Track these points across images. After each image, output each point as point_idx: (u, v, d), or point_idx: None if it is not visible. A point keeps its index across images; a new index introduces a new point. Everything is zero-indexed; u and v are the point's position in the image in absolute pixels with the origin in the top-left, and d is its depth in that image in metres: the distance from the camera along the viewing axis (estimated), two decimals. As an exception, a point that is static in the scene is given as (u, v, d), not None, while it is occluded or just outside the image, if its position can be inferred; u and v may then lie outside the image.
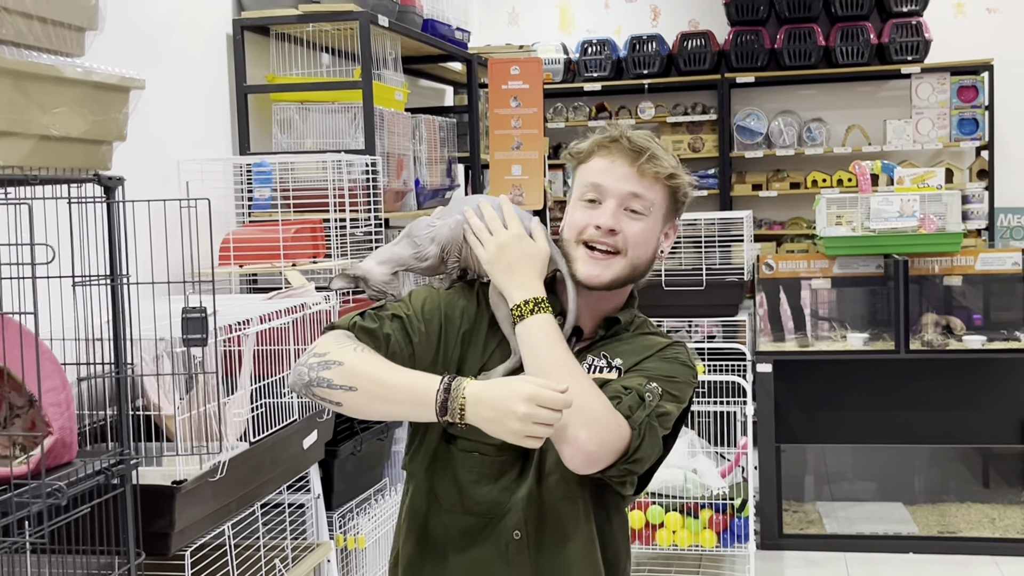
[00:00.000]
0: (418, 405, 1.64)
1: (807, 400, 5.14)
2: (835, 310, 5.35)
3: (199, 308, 2.02)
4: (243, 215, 3.90)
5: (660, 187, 1.79)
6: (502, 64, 5.21)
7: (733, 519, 4.38)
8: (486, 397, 1.61)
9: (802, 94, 7.41)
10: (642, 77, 7.23)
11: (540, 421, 1.58)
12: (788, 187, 7.17)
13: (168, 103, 3.68)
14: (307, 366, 1.70)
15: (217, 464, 2.53)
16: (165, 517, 2.40)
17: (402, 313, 1.80)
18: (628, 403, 1.71)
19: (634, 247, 1.79)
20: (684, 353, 1.86)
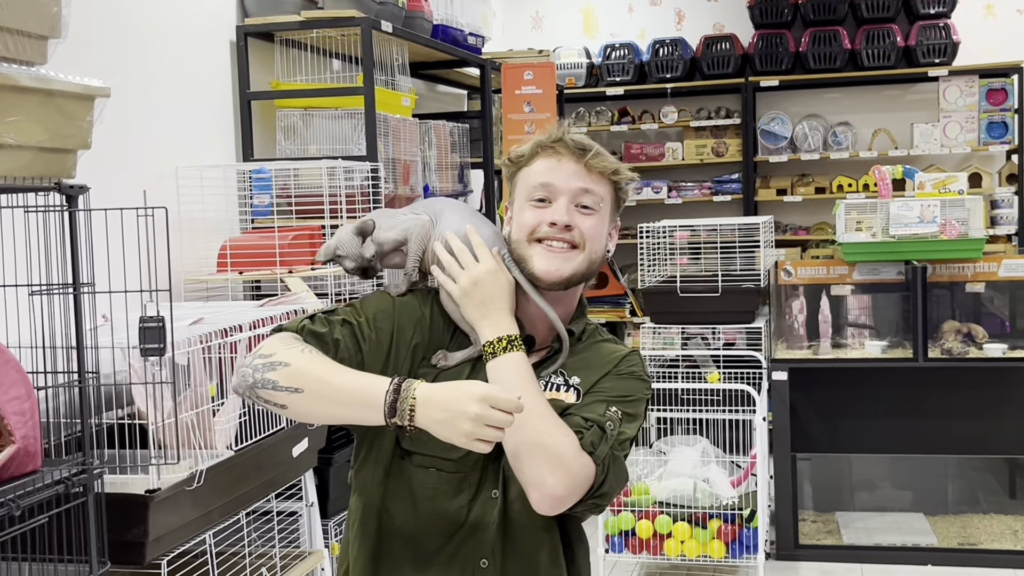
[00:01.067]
0: (366, 407, 1.60)
1: (824, 408, 5.06)
2: (854, 317, 5.27)
3: (156, 317, 2.01)
4: (246, 222, 3.90)
5: (607, 183, 1.80)
6: (515, 69, 5.19)
7: (742, 529, 4.32)
8: (437, 398, 1.58)
9: (828, 98, 7.32)
10: (665, 81, 7.17)
11: (492, 423, 1.55)
12: (813, 192, 7.08)
13: (171, 110, 3.69)
14: (251, 367, 1.66)
15: (195, 472, 2.52)
16: (139, 526, 2.39)
17: (353, 319, 1.77)
18: (590, 439, 1.69)
19: (590, 240, 1.79)
20: (638, 365, 1.84)
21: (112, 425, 2.60)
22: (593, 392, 1.78)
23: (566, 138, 1.80)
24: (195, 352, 2.76)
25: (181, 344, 2.67)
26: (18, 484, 1.91)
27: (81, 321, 1.99)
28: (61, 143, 2.00)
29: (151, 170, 3.54)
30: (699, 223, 5.33)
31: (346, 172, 3.65)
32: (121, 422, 2.62)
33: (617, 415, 1.73)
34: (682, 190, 7.26)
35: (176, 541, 2.56)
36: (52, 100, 1.98)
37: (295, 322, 1.77)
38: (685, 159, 7.24)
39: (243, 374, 1.67)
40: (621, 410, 1.75)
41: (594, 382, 1.79)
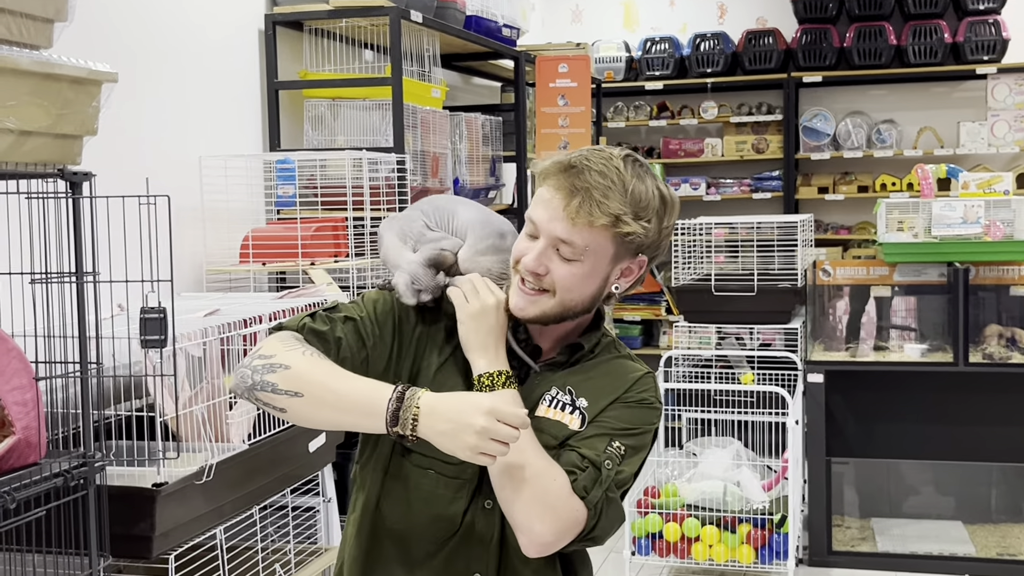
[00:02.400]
0: (367, 414, 1.55)
1: (861, 412, 4.96)
2: (893, 319, 5.15)
3: (157, 308, 1.96)
4: (271, 212, 3.87)
5: (598, 232, 1.63)
6: (550, 62, 5.13)
7: (772, 535, 4.23)
8: (442, 409, 1.52)
9: (872, 94, 7.18)
10: (706, 76, 7.07)
11: (497, 438, 1.50)
12: (856, 190, 6.95)
13: (198, 98, 3.66)
14: (251, 368, 1.61)
15: (204, 466, 2.49)
16: (145, 520, 2.36)
17: (355, 315, 1.72)
18: (584, 482, 1.62)
19: (563, 290, 1.67)
20: (651, 390, 1.74)
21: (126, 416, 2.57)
22: (598, 422, 1.69)
23: (569, 171, 1.64)
24: (211, 344, 2.73)
25: (196, 335, 2.64)
26: (15, 476, 1.88)
27: (84, 310, 1.95)
28: (65, 129, 1.97)
29: (176, 159, 3.51)
30: (737, 220, 5.24)
31: (372, 164, 3.60)
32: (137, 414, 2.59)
33: (618, 452, 1.66)
34: (721, 187, 7.16)
35: (185, 536, 2.53)
36: (55, 84, 1.94)
37: (296, 320, 1.71)
38: (725, 155, 7.14)
39: (242, 375, 1.62)
40: (624, 445, 1.67)
41: (601, 408, 1.70)
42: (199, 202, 3.52)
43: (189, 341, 2.61)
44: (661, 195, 1.68)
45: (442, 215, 1.81)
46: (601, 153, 1.66)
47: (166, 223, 1.94)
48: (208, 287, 3.54)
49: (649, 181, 1.66)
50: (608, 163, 1.64)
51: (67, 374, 1.97)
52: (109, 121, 3.14)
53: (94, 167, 2.17)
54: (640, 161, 1.68)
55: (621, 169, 1.64)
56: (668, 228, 1.70)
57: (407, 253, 1.77)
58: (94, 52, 2.06)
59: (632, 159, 1.67)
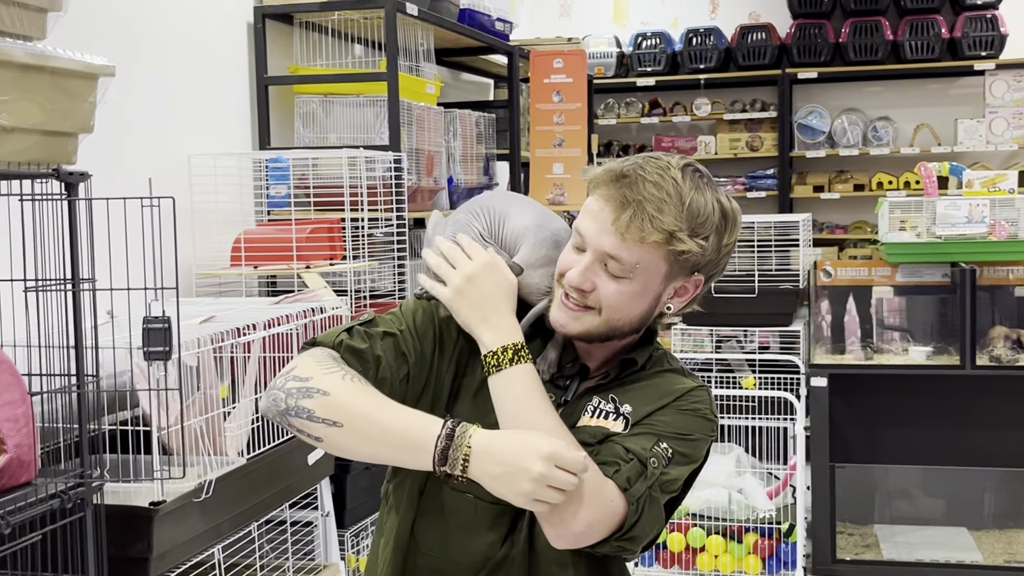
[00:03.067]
0: (413, 451, 1.45)
1: (865, 417, 4.89)
2: (897, 321, 5.10)
3: (162, 318, 1.86)
4: (262, 214, 3.77)
5: (649, 249, 1.53)
6: (544, 57, 5.04)
7: (780, 544, 4.16)
8: (496, 450, 1.43)
9: (868, 91, 7.15)
10: (698, 72, 7.02)
11: (555, 485, 1.41)
12: (852, 189, 6.92)
13: (184, 94, 3.56)
14: (284, 391, 1.50)
15: (203, 483, 2.38)
16: (142, 541, 2.25)
17: (395, 329, 1.62)
18: (627, 473, 1.51)
19: (610, 309, 1.57)
20: (704, 401, 1.64)
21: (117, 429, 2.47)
22: (644, 423, 1.59)
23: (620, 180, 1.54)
24: (206, 353, 2.63)
25: (191, 344, 2.54)
26: (8, 499, 1.77)
27: (80, 320, 1.85)
28: (60, 126, 1.86)
29: (161, 158, 3.40)
30: (735, 221, 5.17)
31: (368, 163, 3.50)
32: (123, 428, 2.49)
33: (666, 453, 1.55)
34: (714, 185, 7.08)
35: (183, 556, 2.43)
36: (51, 78, 1.83)
37: (331, 335, 1.60)
38: (718, 153, 7.09)
39: (275, 397, 1.51)
40: (673, 448, 1.56)
41: (648, 413, 1.60)
42: (188, 203, 3.41)
43: (187, 351, 2.51)
44: (722, 209, 1.57)
45: (493, 219, 1.70)
46: (657, 162, 1.55)
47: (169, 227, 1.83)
48: (197, 291, 3.44)
49: (709, 194, 1.56)
50: (664, 173, 1.53)
51: (62, 388, 1.86)
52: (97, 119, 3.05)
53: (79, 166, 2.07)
54: (700, 171, 1.58)
55: (678, 180, 1.53)
56: (729, 245, 1.59)
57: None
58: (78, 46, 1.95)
59: (692, 169, 1.57)
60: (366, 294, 3.49)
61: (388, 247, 3.64)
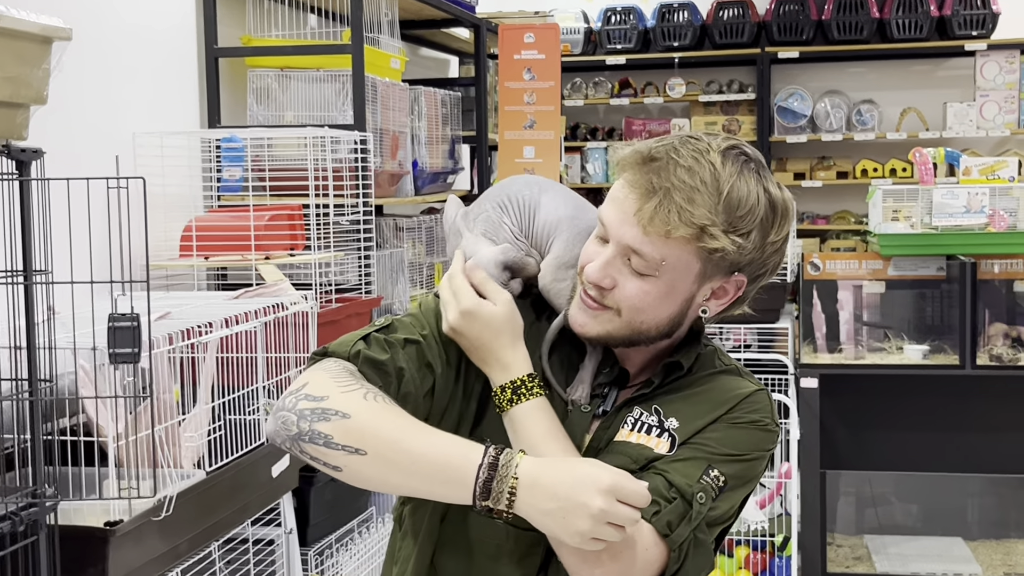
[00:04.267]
0: (449, 483, 1.33)
1: (857, 420, 4.87)
2: (890, 318, 5.07)
3: (129, 315, 1.74)
4: (212, 198, 3.64)
5: (677, 245, 1.42)
6: (515, 31, 4.95)
7: (773, 558, 4.11)
8: (548, 482, 1.31)
9: (852, 72, 7.14)
10: (672, 50, 6.96)
11: (616, 521, 1.30)
12: (834, 176, 6.92)
13: (127, 66, 3.42)
14: (296, 412, 1.37)
15: (163, 500, 2.27)
16: (96, 565, 2.13)
17: (417, 335, 1.50)
18: (668, 517, 1.40)
19: (631, 310, 1.46)
20: (763, 409, 1.53)
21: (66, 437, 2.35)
22: (694, 443, 1.49)
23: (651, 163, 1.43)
24: (160, 354, 2.51)
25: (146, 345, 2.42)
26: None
27: (32, 317, 1.73)
28: (10, 96, 1.74)
29: (102, 136, 3.26)
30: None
31: (332, 143, 3.39)
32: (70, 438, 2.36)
33: (717, 482, 1.45)
34: (689, 172, 7.04)
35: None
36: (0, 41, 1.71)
37: (346, 344, 1.47)
38: (693, 137, 7.02)
39: (285, 420, 1.37)
40: (725, 475, 1.46)
41: (698, 428, 1.50)
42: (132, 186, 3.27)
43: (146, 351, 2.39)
44: (770, 201, 1.45)
45: (523, 210, 1.59)
46: (695, 144, 1.44)
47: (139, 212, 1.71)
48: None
49: (753, 182, 1.43)
50: (701, 157, 1.42)
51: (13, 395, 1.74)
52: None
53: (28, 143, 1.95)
54: (747, 155, 1.45)
55: (717, 166, 1.41)
56: (778, 241, 1.47)
57: (483, 246, 1.56)
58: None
59: (737, 152, 1.44)
60: (330, 288, 3.37)
61: (353, 236, 3.53)
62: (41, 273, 1.77)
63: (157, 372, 2.52)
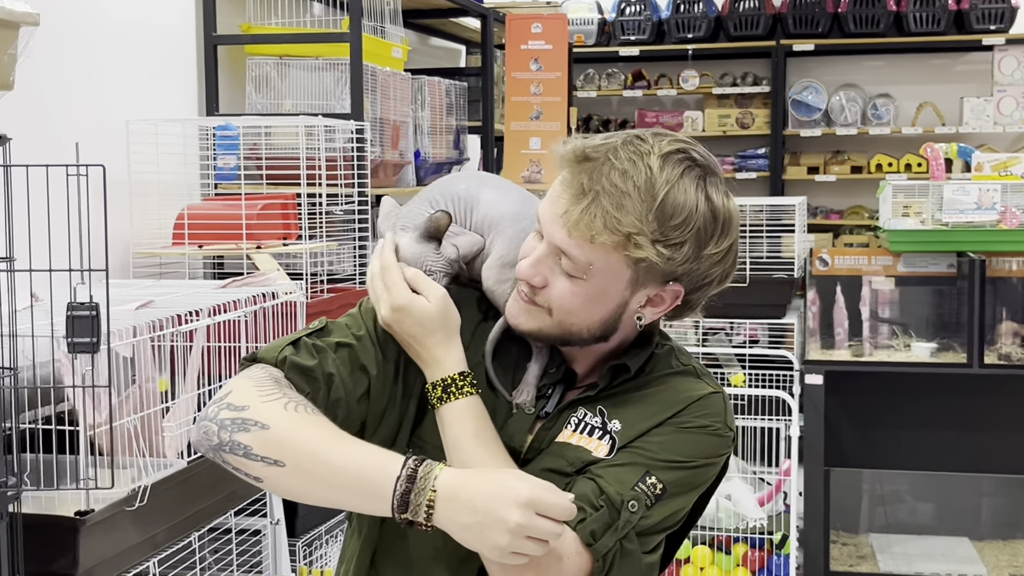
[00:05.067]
0: (368, 495, 1.31)
1: (863, 418, 4.82)
2: (899, 314, 5.03)
3: (88, 304, 1.73)
4: (209, 187, 3.63)
5: (602, 250, 1.37)
6: (522, 21, 4.93)
7: (771, 556, 4.08)
8: (466, 495, 1.28)
9: (868, 66, 7.08)
10: (686, 42, 6.92)
11: (535, 535, 1.26)
12: (849, 171, 6.86)
13: (123, 53, 3.40)
14: (217, 422, 1.36)
15: (137, 489, 2.25)
16: (66, 555, 2.12)
17: (350, 338, 1.47)
18: (592, 526, 1.36)
19: (561, 311, 1.42)
20: (715, 413, 1.48)
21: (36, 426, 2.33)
22: (634, 448, 1.43)
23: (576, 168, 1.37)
24: (143, 343, 2.49)
25: (125, 333, 2.41)
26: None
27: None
28: (-26, 81, 1.72)
29: (95, 123, 3.25)
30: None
31: (327, 132, 3.37)
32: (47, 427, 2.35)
33: (653, 490, 1.40)
34: (701, 165, 7.00)
35: (113, 572, 2.30)
36: (-37, 26, 1.69)
37: (274, 350, 1.45)
38: (706, 130, 7.00)
39: (206, 430, 1.37)
40: (664, 482, 1.41)
41: (641, 432, 1.45)
42: (125, 174, 3.27)
43: (120, 340, 2.38)
44: (711, 210, 1.38)
45: (459, 207, 1.53)
46: (638, 145, 1.38)
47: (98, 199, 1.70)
48: (135, 272, 3.30)
49: (693, 190, 1.37)
50: (639, 160, 1.36)
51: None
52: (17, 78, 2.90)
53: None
54: (693, 160, 1.39)
55: (654, 170, 1.36)
56: (717, 254, 1.40)
57: (403, 239, 1.51)
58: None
59: (681, 156, 1.38)
60: (323, 278, 3.36)
61: (348, 226, 3.51)
62: (4, 260, 1.75)
63: (139, 360, 2.51)
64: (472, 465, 1.40)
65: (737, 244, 1.44)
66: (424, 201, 1.54)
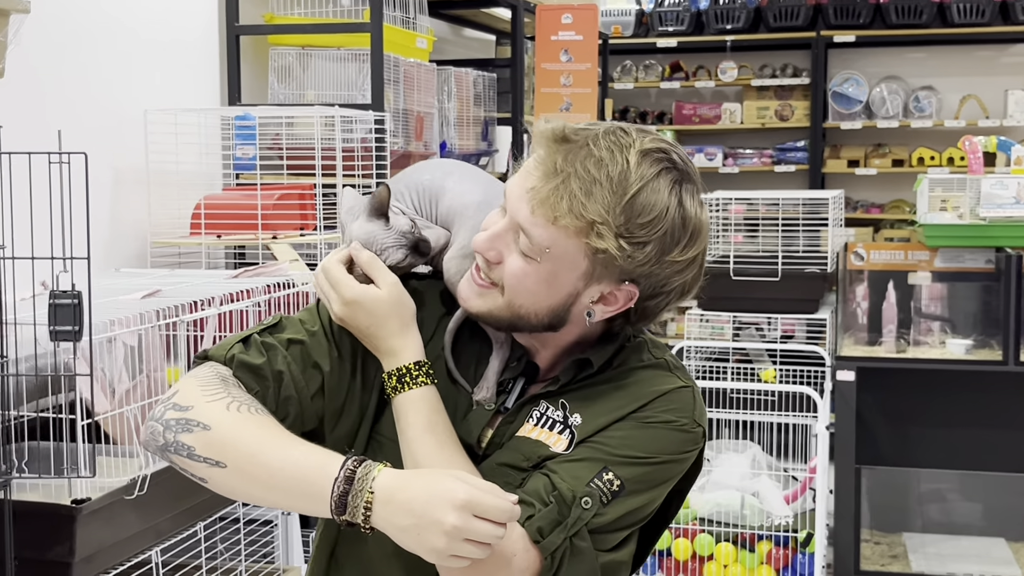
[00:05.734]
0: (307, 497, 1.29)
1: (895, 415, 4.76)
2: (935, 311, 4.95)
3: (71, 292, 1.72)
4: (230, 177, 3.63)
5: (562, 234, 1.34)
6: (552, 11, 4.90)
7: (796, 555, 4.02)
8: (402, 497, 1.25)
9: (910, 57, 6.98)
10: (725, 33, 6.86)
11: (474, 538, 1.23)
12: (890, 164, 6.77)
13: (143, 44, 3.42)
14: (163, 422, 1.35)
15: (136, 478, 2.26)
16: (63, 543, 2.13)
17: (303, 335, 1.46)
18: (540, 523, 1.33)
19: (510, 290, 1.39)
20: (682, 408, 1.44)
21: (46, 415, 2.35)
22: (593, 442, 1.40)
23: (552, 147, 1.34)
24: (150, 331, 2.50)
25: (131, 321, 2.42)
26: None
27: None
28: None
29: (116, 112, 3.27)
30: (758, 196, 5.06)
31: (345, 123, 3.36)
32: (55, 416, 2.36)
33: (609, 486, 1.37)
34: (739, 158, 6.95)
35: (113, 560, 2.31)
36: (-51, 13, 1.69)
37: (224, 348, 1.44)
38: (744, 122, 6.93)
39: (153, 430, 1.36)
40: (622, 478, 1.37)
41: (601, 426, 1.41)
42: (143, 163, 3.28)
43: (124, 328, 2.39)
44: (682, 216, 1.35)
45: (423, 197, 1.51)
46: (620, 137, 1.35)
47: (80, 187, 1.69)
48: (153, 262, 3.31)
49: (667, 192, 1.34)
50: (618, 152, 1.33)
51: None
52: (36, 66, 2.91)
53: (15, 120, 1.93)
54: (672, 162, 1.36)
55: (631, 164, 1.32)
56: (681, 262, 1.37)
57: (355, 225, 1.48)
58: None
59: (660, 156, 1.35)
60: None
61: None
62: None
63: (148, 349, 2.52)
64: (420, 456, 1.38)
65: (704, 257, 1.40)
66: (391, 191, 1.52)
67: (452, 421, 1.44)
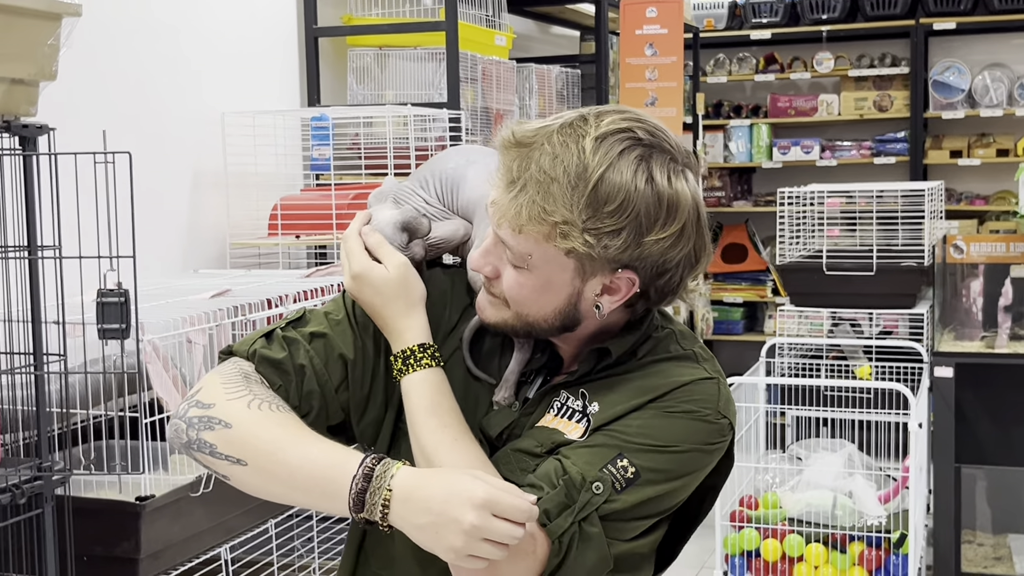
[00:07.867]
0: (326, 495, 1.29)
1: (997, 412, 4.61)
2: (1038, 304, 4.79)
3: (118, 291, 1.75)
4: (310, 178, 3.67)
5: (533, 241, 1.31)
6: (636, 5, 4.85)
7: (889, 556, 3.91)
8: (421, 495, 1.25)
9: (1015, 44, 6.75)
10: (820, 23, 6.71)
11: (492, 538, 1.22)
12: (994, 155, 6.55)
13: (221, 46, 3.47)
14: (186, 420, 1.36)
15: (203, 476, 2.29)
16: (129, 539, 2.17)
17: (326, 328, 1.46)
18: (546, 505, 1.30)
19: (514, 303, 1.37)
20: (706, 400, 1.39)
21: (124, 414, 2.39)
22: (609, 430, 1.37)
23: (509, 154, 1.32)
24: (221, 330, 2.54)
25: (198, 319, 2.45)
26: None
27: (37, 291, 1.75)
28: (12, 72, 1.76)
29: (195, 115, 3.33)
30: (855, 189, 4.95)
31: (420, 122, 3.37)
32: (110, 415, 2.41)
33: (624, 473, 1.33)
34: (837, 150, 6.80)
35: (181, 557, 2.35)
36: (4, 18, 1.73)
37: (247, 342, 1.44)
38: (842, 114, 6.78)
39: (176, 428, 1.37)
40: (638, 466, 1.34)
41: (618, 414, 1.38)
42: (221, 165, 3.33)
43: (192, 327, 2.43)
44: (656, 193, 1.29)
45: (445, 187, 1.50)
46: (577, 128, 1.30)
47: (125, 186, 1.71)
48: (232, 263, 3.36)
49: (631, 172, 1.29)
50: (573, 144, 1.29)
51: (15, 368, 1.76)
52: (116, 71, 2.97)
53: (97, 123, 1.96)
54: (637, 139, 1.30)
55: (586, 153, 1.28)
56: (666, 239, 1.32)
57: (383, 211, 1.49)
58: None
59: (622, 136, 1.30)
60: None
61: (441, 215, 3.50)
62: (47, 248, 1.79)
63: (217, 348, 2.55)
64: (422, 438, 1.37)
65: (692, 225, 1.34)
66: (416, 180, 1.52)
67: (472, 413, 1.43)
